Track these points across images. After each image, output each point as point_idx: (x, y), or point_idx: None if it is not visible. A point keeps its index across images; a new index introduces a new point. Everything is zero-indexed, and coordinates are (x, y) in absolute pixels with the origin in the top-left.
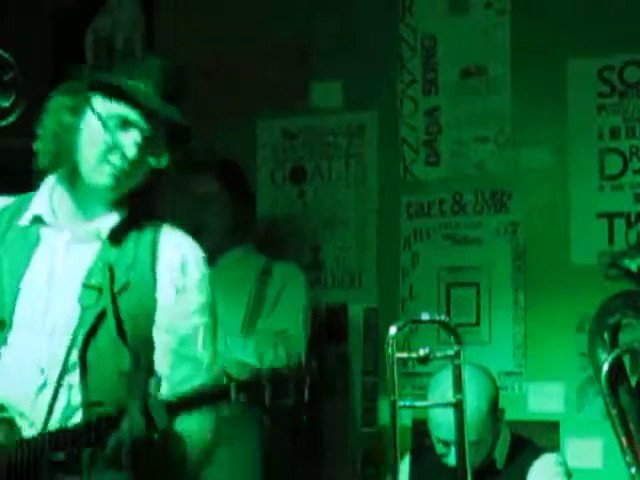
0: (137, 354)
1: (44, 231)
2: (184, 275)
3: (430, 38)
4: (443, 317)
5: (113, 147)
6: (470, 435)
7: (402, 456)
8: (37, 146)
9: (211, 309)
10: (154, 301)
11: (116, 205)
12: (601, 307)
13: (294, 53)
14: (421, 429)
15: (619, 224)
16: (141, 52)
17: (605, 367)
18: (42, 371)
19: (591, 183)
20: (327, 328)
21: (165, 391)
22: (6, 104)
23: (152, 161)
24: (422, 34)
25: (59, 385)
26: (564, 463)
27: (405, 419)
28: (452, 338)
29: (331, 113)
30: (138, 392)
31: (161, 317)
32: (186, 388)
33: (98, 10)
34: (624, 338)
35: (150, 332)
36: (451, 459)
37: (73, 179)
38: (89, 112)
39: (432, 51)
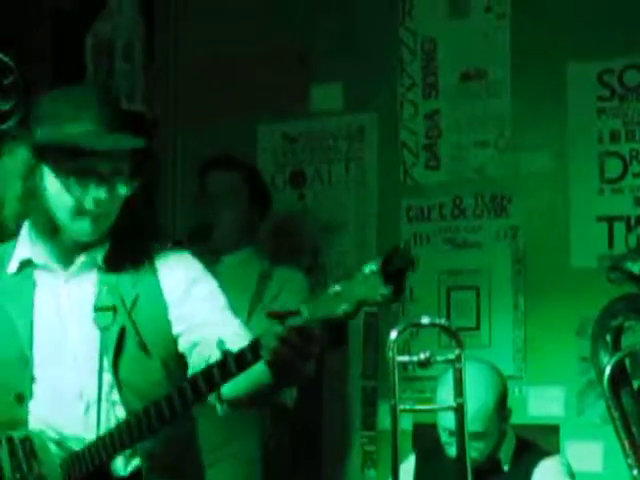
0: (165, 363)
1: (37, 274)
2: (187, 272)
3: (430, 41)
4: (444, 321)
5: (81, 201)
6: (476, 426)
7: (403, 459)
8: (6, 212)
9: (220, 291)
10: (166, 307)
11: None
12: (603, 310)
13: (294, 57)
14: (421, 433)
15: (619, 228)
16: (141, 56)
17: (607, 370)
18: (81, 395)
19: (591, 187)
20: (327, 332)
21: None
22: (6, 108)
23: (123, 190)
24: (422, 37)
25: (100, 403)
26: (568, 466)
27: (405, 423)
28: (453, 342)
29: (331, 117)
30: None
31: (177, 312)
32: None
33: (98, 14)
34: (626, 341)
35: (170, 335)
36: (454, 450)
37: (52, 230)
38: (45, 171)
39: (432, 54)
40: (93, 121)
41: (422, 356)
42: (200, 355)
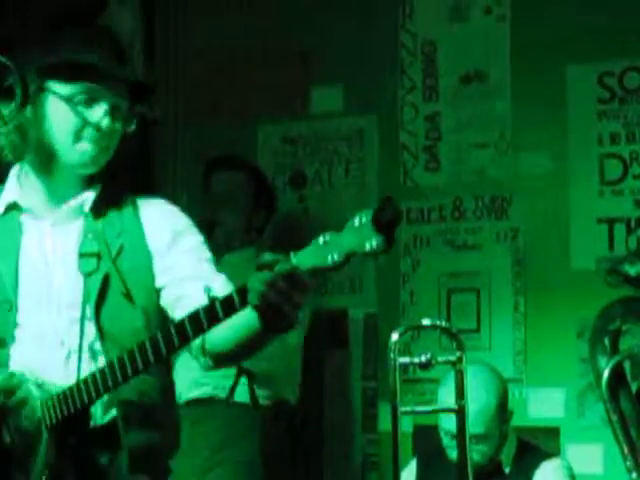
0: (146, 312)
1: (23, 218)
2: (174, 222)
3: (430, 44)
4: (444, 323)
5: (85, 124)
6: (477, 428)
7: (404, 462)
8: (4, 148)
9: (208, 247)
10: (150, 257)
11: (90, 183)
12: (601, 313)
13: (294, 58)
14: (422, 435)
15: (619, 229)
16: (141, 57)
17: (606, 373)
18: (62, 343)
19: (591, 188)
20: (327, 333)
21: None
22: (6, 110)
23: (120, 127)
24: (422, 40)
25: (81, 352)
26: (569, 468)
27: (406, 425)
28: (453, 344)
29: (331, 118)
30: None
31: (162, 262)
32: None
33: (98, 15)
34: (625, 344)
35: (152, 285)
36: (455, 453)
37: (47, 165)
38: (50, 97)
39: (432, 57)
40: (106, 52)
41: (423, 358)
42: (184, 309)
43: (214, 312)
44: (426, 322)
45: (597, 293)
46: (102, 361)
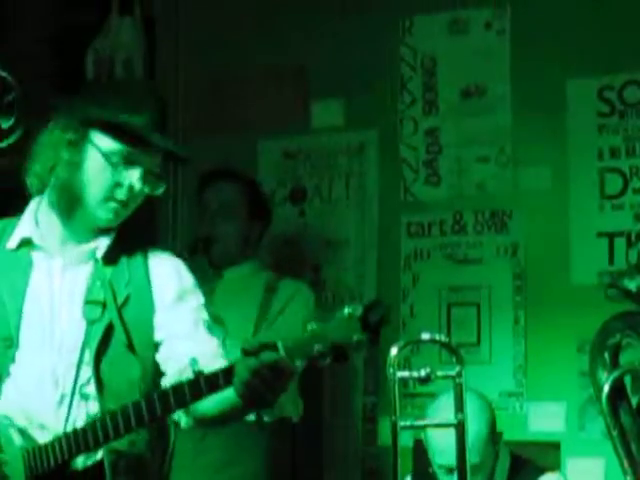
0: (144, 364)
1: (35, 255)
2: (180, 281)
3: (430, 58)
4: (444, 337)
5: (119, 183)
6: (473, 458)
7: (403, 476)
8: (32, 179)
9: (207, 310)
10: (153, 312)
11: (105, 229)
12: (601, 328)
13: (294, 73)
14: (422, 449)
15: (619, 243)
16: (141, 72)
17: (606, 387)
18: (57, 383)
19: (591, 202)
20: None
21: (176, 367)
22: (7, 125)
23: (149, 190)
24: (422, 54)
25: (73, 396)
26: None
27: (406, 440)
28: (453, 358)
29: (332, 133)
30: None
31: (162, 318)
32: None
33: (99, 30)
34: (625, 358)
35: (152, 339)
36: None
37: (70, 209)
38: (90, 148)
39: (432, 71)
40: (150, 118)
41: (422, 372)
42: (174, 368)
43: (198, 388)
44: (425, 336)
45: (597, 307)
46: (94, 406)
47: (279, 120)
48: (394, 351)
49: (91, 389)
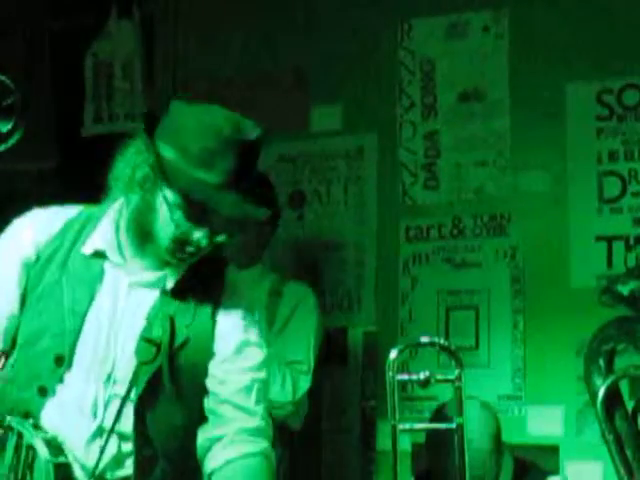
0: (191, 409)
1: (107, 267)
2: (246, 332)
3: (429, 62)
4: (443, 340)
5: (185, 240)
6: (476, 470)
7: None
8: (114, 186)
9: (266, 364)
10: (212, 355)
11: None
12: (595, 334)
13: (293, 77)
14: (421, 453)
15: (618, 247)
16: (140, 76)
17: (601, 393)
18: (95, 416)
19: (590, 206)
20: (326, 351)
21: (217, 432)
22: (6, 129)
23: (220, 240)
24: (421, 58)
25: (111, 433)
26: None
27: (404, 444)
28: (452, 361)
29: (330, 137)
30: None
31: (217, 369)
32: (237, 427)
33: (97, 34)
34: (620, 363)
35: (204, 384)
36: None
37: (143, 239)
38: (160, 197)
39: (431, 75)
40: (222, 173)
41: (422, 376)
42: (213, 424)
43: None
44: (424, 340)
45: (596, 311)
46: (128, 446)
47: (278, 124)
48: (393, 354)
49: (128, 428)
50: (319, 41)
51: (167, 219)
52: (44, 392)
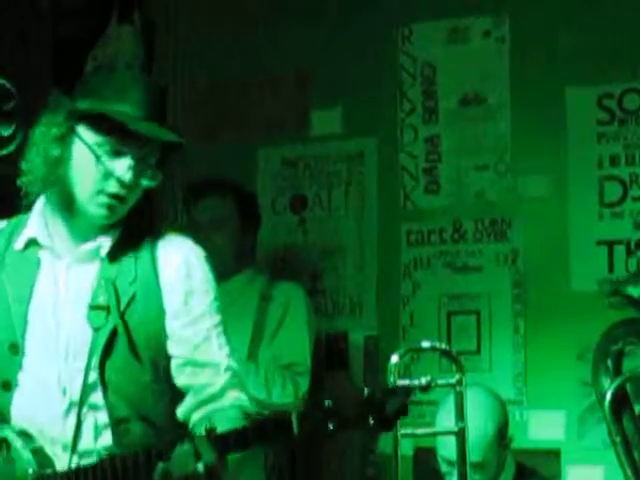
0: (155, 365)
1: (42, 254)
2: (188, 278)
3: (430, 66)
4: (444, 345)
5: (107, 175)
6: (475, 456)
7: None
8: (24, 179)
9: (218, 307)
10: (162, 310)
11: (110, 226)
12: (604, 335)
13: (294, 81)
14: (422, 458)
15: (619, 251)
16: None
17: (609, 395)
18: (64, 392)
19: (591, 211)
20: (327, 356)
21: (191, 401)
22: (6, 133)
23: (145, 182)
24: (422, 62)
25: (82, 406)
26: None
27: (406, 448)
28: (453, 366)
29: (331, 141)
30: None
31: (171, 325)
32: (209, 392)
33: (98, 38)
34: (628, 365)
35: (163, 340)
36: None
37: (68, 206)
38: (77, 142)
39: (432, 79)
40: (138, 105)
41: (423, 380)
42: (187, 379)
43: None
44: (426, 344)
45: (597, 315)
46: (103, 415)
47: (279, 128)
48: (394, 359)
49: (99, 398)
50: (320, 45)
51: (86, 163)
52: (7, 386)
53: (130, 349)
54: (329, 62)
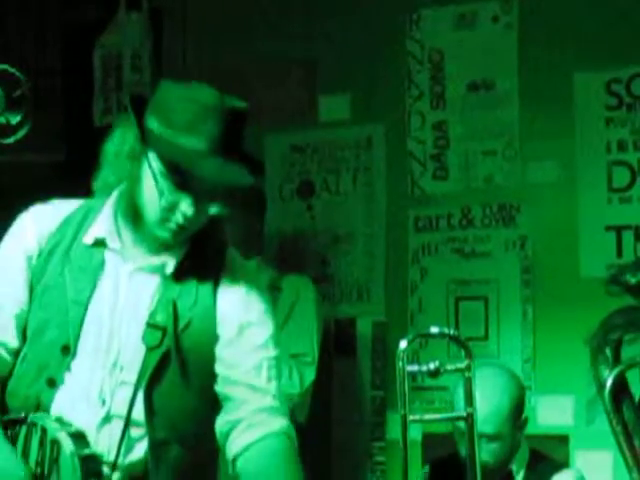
0: (202, 390)
1: (108, 255)
2: (247, 311)
3: (437, 52)
4: (452, 331)
5: (172, 209)
6: (489, 428)
7: (412, 469)
8: (99, 184)
9: (274, 340)
10: (216, 337)
11: (178, 243)
12: (602, 324)
13: (301, 67)
14: (431, 443)
15: (627, 236)
16: (149, 67)
17: (608, 384)
18: (103, 402)
19: (599, 196)
20: (335, 342)
21: (229, 418)
22: (15, 120)
23: (214, 211)
24: (429, 48)
25: (122, 419)
26: (583, 479)
27: (415, 433)
28: (462, 352)
29: (339, 127)
30: None
31: (224, 353)
32: (256, 414)
33: (107, 26)
34: (627, 353)
35: (212, 366)
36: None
37: (135, 219)
38: (146, 165)
39: (440, 65)
40: (208, 138)
41: (431, 366)
42: (228, 409)
43: None
44: (434, 330)
45: (606, 300)
46: (139, 432)
47: (286, 114)
48: (403, 345)
49: (140, 416)
50: (328, 31)
51: (153, 190)
52: (53, 383)
53: (180, 373)
54: (337, 48)
